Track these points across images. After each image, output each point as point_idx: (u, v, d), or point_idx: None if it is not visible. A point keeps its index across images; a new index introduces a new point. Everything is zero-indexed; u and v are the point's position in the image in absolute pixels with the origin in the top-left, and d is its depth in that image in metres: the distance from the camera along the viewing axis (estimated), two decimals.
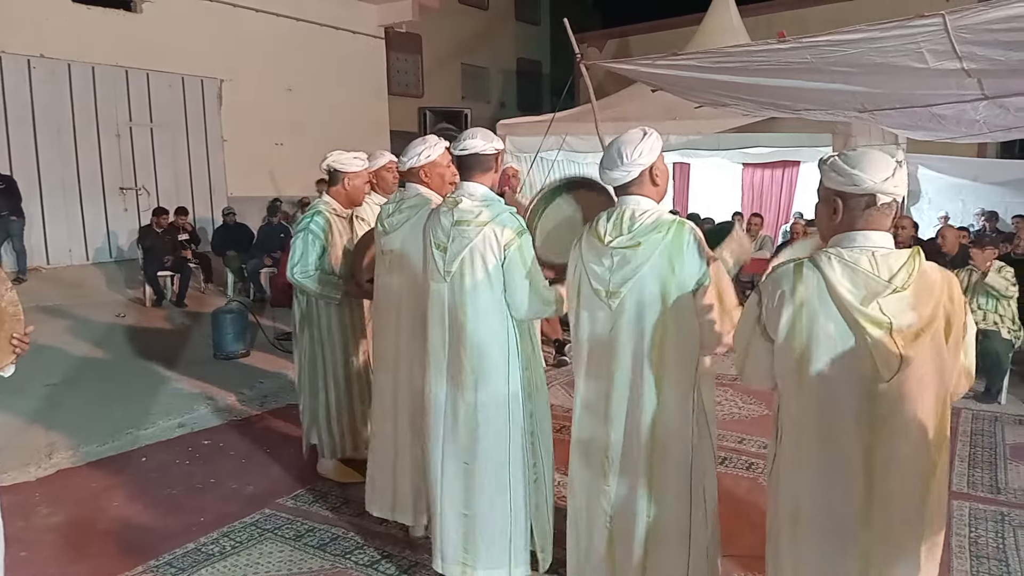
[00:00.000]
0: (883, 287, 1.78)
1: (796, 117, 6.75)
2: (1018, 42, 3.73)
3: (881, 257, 1.81)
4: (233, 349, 6.53)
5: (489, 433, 2.74)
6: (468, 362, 2.71)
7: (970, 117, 5.50)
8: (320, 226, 3.82)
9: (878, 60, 4.28)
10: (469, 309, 2.68)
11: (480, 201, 2.71)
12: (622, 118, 8.34)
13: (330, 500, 3.86)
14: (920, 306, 1.79)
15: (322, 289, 3.83)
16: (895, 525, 1.86)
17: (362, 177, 3.97)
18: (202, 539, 3.45)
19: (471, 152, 2.74)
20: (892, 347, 1.77)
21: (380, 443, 3.38)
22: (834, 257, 1.84)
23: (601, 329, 2.38)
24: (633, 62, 5.82)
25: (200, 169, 11.21)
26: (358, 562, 3.24)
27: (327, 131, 11.50)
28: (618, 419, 2.39)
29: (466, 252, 2.65)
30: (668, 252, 2.26)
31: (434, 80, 16.49)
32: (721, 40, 8.70)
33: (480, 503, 2.78)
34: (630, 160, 2.30)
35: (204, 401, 5.39)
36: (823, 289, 1.84)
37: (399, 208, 3.19)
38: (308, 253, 3.78)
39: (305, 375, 4.01)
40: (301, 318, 3.98)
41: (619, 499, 2.44)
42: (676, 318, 2.28)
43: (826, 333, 1.84)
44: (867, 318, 1.79)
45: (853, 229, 1.86)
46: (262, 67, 11.61)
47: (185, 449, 4.62)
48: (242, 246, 9.79)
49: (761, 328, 1.98)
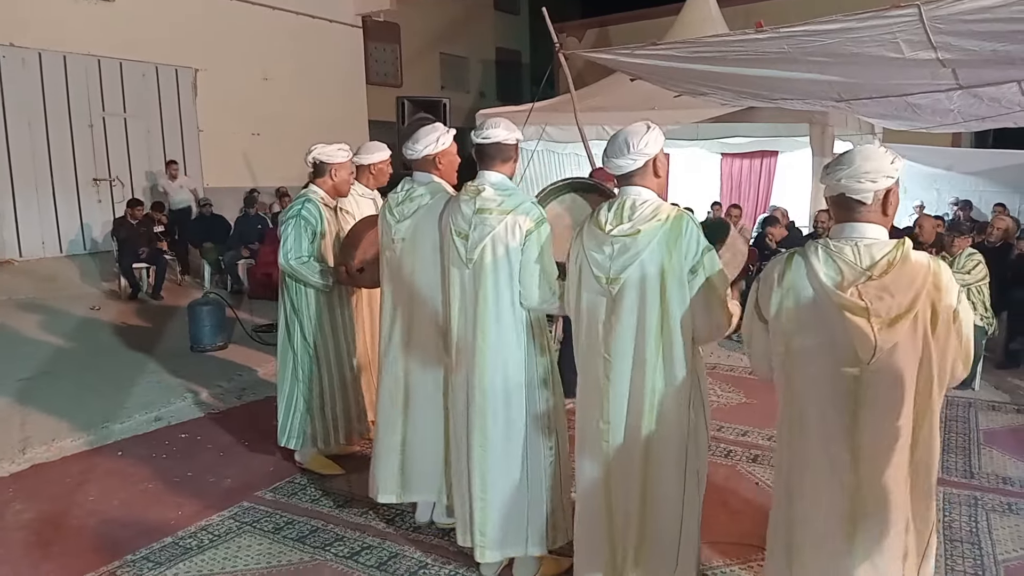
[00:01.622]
0: (860, 274, 1.90)
1: (774, 107, 6.79)
2: (991, 32, 3.77)
3: (865, 247, 1.93)
4: (210, 342, 6.46)
5: (507, 417, 2.79)
6: (487, 347, 2.75)
7: (944, 107, 5.56)
8: (311, 213, 3.80)
9: (854, 50, 4.31)
10: (490, 296, 2.73)
11: (502, 190, 2.77)
12: (601, 108, 8.36)
13: (309, 492, 3.84)
14: (899, 293, 1.88)
15: (316, 276, 3.80)
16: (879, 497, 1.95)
17: (347, 168, 3.95)
18: (179, 533, 3.42)
19: (494, 141, 2.78)
20: (868, 331, 1.87)
21: (387, 428, 3.33)
22: (820, 246, 1.99)
23: (601, 315, 2.45)
24: (612, 51, 5.82)
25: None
26: (338, 554, 3.23)
27: (305, 121, 11.39)
28: (617, 403, 2.45)
29: (488, 240, 2.70)
30: (666, 239, 2.33)
31: (413, 69, 16.40)
32: (700, 30, 8.73)
33: (497, 485, 2.82)
34: (636, 149, 2.37)
35: (181, 394, 5.33)
36: (804, 275, 1.98)
37: (410, 196, 3.15)
38: (301, 239, 3.76)
39: (296, 365, 3.91)
40: (291, 308, 3.91)
41: (617, 481, 2.49)
42: (673, 304, 2.36)
43: (809, 316, 1.98)
44: (844, 303, 1.90)
45: (849, 220, 1.99)
46: (238, 56, 11.47)
47: (162, 443, 4.57)
48: (219, 237, 9.70)
49: (757, 311, 2.14)
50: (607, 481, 2.51)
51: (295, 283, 3.88)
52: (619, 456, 2.47)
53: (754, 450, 4.27)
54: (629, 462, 2.45)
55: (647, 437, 2.42)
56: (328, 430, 3.98)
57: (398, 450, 3.30)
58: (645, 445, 2.42)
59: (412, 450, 3.28)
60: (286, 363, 3.98)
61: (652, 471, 2.44)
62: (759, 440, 4.45)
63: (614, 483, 2.50)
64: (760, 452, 4.26)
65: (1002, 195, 11.20)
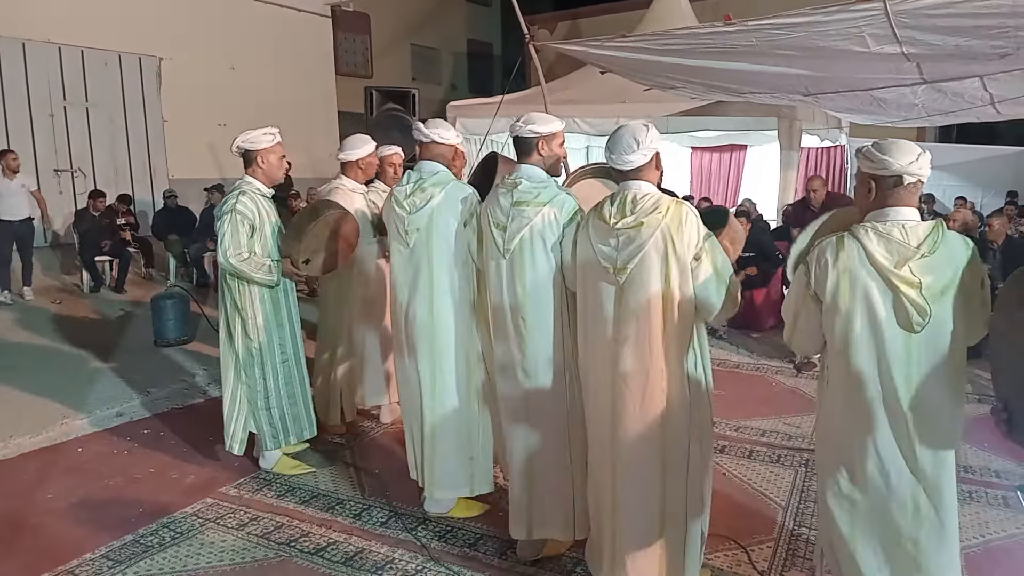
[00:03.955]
0: (913, 253, 2.14)
1: (743, 101, 6.82)
2: (954, 27, 3.81)
3: (910, 228, 2.17)
4: (174, 336, 6.34)
5: (547, 395, 2.91)
6: (526, 332, 2.88)
7: (909, 101, 5.63)
8: (247, 206, 3.65)
9: (821, 44, 4.33)
10: (529, 283, 2.85)
11: (539, 183, 2.87)
12: (573, 100, 8.34)
13: (275, 488, 3.78)
14: (945, 268, 2.15)
15: (260, 273, 3.68)
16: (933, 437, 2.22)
17: (276, 152, 3.80)
18: (141, 531, 3.35)
19: (533, 135, 2.88)
20: (922, 303, 2.13)
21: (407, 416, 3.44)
22: (871, 229, 2.20)
23: (611, 303, 2.59)
24: (582, 43, 5.80)
25: (139, 151, 10.87)
26: (303, 550, 3.18)
27: (272, 112, 11.12)
28: (627, 386, 2.56)
29: (526, 231, 2.82)
30: (668, 229, 2.47)
31: (383, 61, 16.23)
32: (670, 23, 8.73)
33: (540, 463, 2.96)
34: (645, 145, 2.53)
35: (144, 389, 5.22)
36: (863, 256, 2.19)
37: (420, 187, 3.20)
38: (238, 235, 3.61)
39: (239, 365, 3.80)
40: (232, 305, 3.76)
41: (625, 457, 2.60)
42: (677, 290, 2.50)
43: (866, 293, 2.19)
44: (900, 279, 2.14)
45: (885, 206, 2.21)
46: (204, 45, 11.25)
47: (124, 439, 4.48)
48: (184, 230, 9.53)
49: (812, 294, 2.32)
50: (614, 460, 2.63)
51: (236, 280, 3.73)
52: (630, 439, 2.58)
53: (722, 441, 4.29)
54: (640, 444, 2.57)
55: (658, 418, 2.54)
56: (276, 429, 3.86)
57: (418, 436, 3.38)
58: (657, 426, 2.55)
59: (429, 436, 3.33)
60: (228, 364, 3.83)
61: (662, 451, 2.56)
62: (727, 431, 4.48)
63: (623, 462, 2.61)
64: (728, 443, 4.29)
65: (964, 189, 11.43)
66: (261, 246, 3.71)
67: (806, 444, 4.28)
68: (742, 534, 3.19)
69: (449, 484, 3.36)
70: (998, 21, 3.67)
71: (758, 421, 4.65)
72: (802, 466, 3.98)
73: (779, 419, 4.70)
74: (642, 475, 2.58)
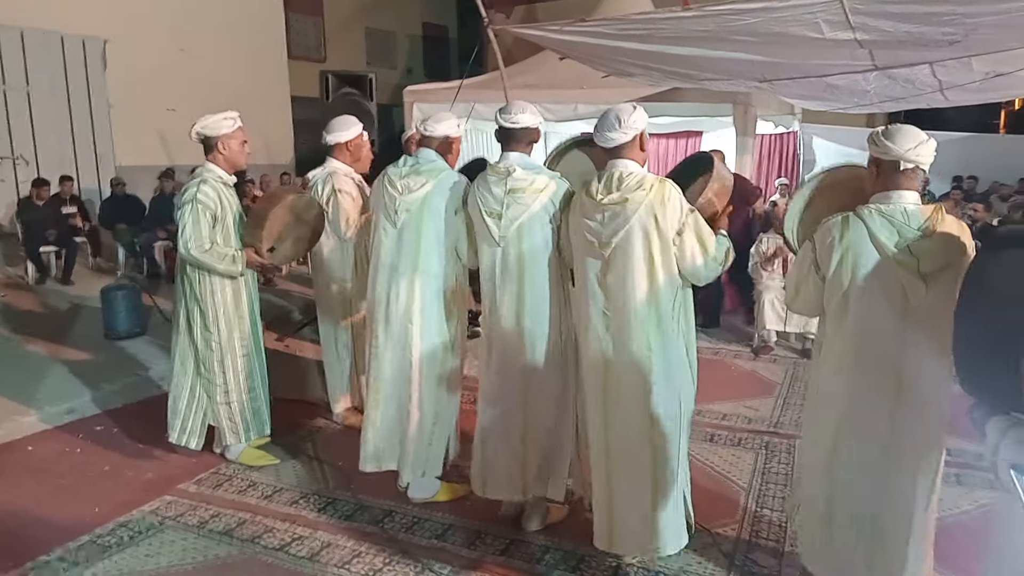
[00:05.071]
0: (913, 234, 2.30)
1: (699, 87, 6.87)
2: (906, 14, 3.88)
3: (911, 211, 2.33)
4: (126, 329, 6.15)
5: (547, 372, 3.05)
6: (526, 314, 3.01)
7: (862, 88, 5.72)
8: (208, 196, 3.56)
9: (777, 29, 4.37)
10: (527, 267, 2.98)
11: (532, 170, 2.99)
12: (532, 85, 8.29)
13: (236, 483, 3.72)
14: (942, 249, 2.30)
15: (223, 264, 3.60)
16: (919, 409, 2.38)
17: (237, 138, 3.71)
18: (97, 531, 3.26)
19: (522, 126, 3.01)
20: (919, 280, 2.29)
21: (386, 402, 3.42)
22: (875, 211, 2.37)
23: (597, 275, 2.74)
24: (541, 28, 5.76)
25: (84, 137, 10.48)
26: (267, 546, 3.14)
27: (224, 95, 10.78)
28: (616, 354, 2.73)
29: (524, 217, 2.94)
30: (651, 206, 2.61)
31: (337, 44, 15.92)
32: (625, 9, 8.73)
33: (535, 430, 3.10)
34: (627, 124, 2.66)
35: (96, 384, 5.06)
36: (866, 236, 2.35)
37: (416, 171, 3.29)
38: (200, 225, 3.52)
39: (198, 360, 3.73)
40: (192, 296, 3.68)
41: (618, 422, 2.76)
42: (660, 263, 2.64)
43: (868, 269, 2.36)
44: (900, 258, 2.30)
45: (888, 189, 2.38)
46: (151, 27, 10.88)
47: (76, 436, 4.35)
48: (133, 218, 9.24)
49: (816, 267, 2.49)
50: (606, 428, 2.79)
51: (197, 271, 3.64)
52: (620, 410, 2.75)
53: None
54: (629, 404, 2.74)
55: (645, 387, 2.70)
56: (236, 424, 3.80)
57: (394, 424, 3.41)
58: (644, 389, 2.70)
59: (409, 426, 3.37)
60: (186, 357, 3.75)
61: (650, 421, 2.71)
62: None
63: (612, 425, 2.78)
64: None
65: None
66: (223, 236, 3.62)
67: (766, 427, 4.36)
68: (707, 517, 3.23)
69: (417, 465, 3.42)
70: (948, 8, 3.74)
71: (718, 405, 4.72)
72: (763, 448, 4.06)
73: (739, 402, 4.78)
74: (632, 445, 2.74)
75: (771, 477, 3.69)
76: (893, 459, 2.40)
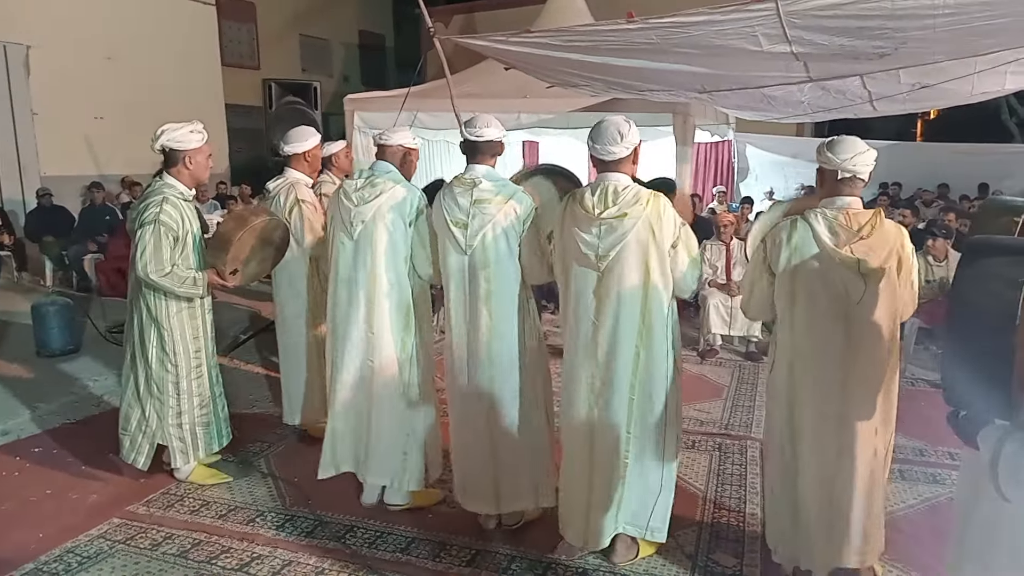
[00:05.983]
0: (853, 236, 2.50)
1: (640, 98, 7.01)
2: (840, 28, 4.05)
3: (853, 215, 2.54)
4: (59, 346, 5.90)
5: (509, 384, 3.08)
6: (491, 321, 3.04)
7: (796, 98, 5.94)
8: (171, 216, 3.40)
9: (718, 42, 4.51)
10: (492, 276, 3.02)
11: (496, 182, 3.05)
12: (475, 95, 8.32)
13: (188, 503, 3.60)
14: (880, 250, 2.50)
15: (181, 287, 3.46)
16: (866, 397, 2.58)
17: (204, 152, 3.57)
18: (42, 558, 3.12)
19: (487, 139, 3.08)
20: (858, 279, 2.49)
21: (346, 412, 3.42)
22: (819, 214, 2.58)
23: (592, 287, 2.80)
24: (487, 38, 5.78)
25: (7, 146, 10.03)
26: (226, 567, 3.05)
27: (154, 104, 10.57)
28: (607, 364, 2.81)
29: (488, 227, 2.98)
30: (649, 220, 2.70)
31: (271, 51, 15.66)
32: (565, 20, 8.84)
33: (505, 443, 3.12)
34: (627, 139, 2.75)
35: (31, 404, 4.84)
36: (811, 237, 2.56)
37: (371, 183, 3.30)
38: (161, 248, 3.37)
39: (150, 379, 3.59)
40: (147, 314, 3.55)
41: (605, 428, 2.84)
42: (655, 275, 2.75)
43: (812, 268, 2.55)
44: (841, 258, 2.50)
45: (832, 195, 2.61)
46: (76, 33, 10.50)
47: (13, 459, 4.14)
48: (61, 230, 8.89)
49: (766, 267, 2.68)
50: (592, 438, 2.87)
51: (152, 291, 3.51)
52: (606, 409, 2.84)
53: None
54: (616, 414, 2.82)
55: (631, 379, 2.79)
56: (187, 444, 3.68)
57: (364, 429, 3.40)
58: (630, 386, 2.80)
59: (376, 429, 3.37)
60: (139, 376, 3.62)
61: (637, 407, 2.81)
62: None
63: (598, 431, 2.85)
64: None
65: None
66: (183, 258, 3.48)
67: (717, 429, 4.47)
68: None
69: (383, 473, 3.42)
70: (879, 23, 3.93)
71: None
72: (716, 450, 4.16)
73: (689, 406, 4.86)
74: (617, 446, 2.83)
75: (726, 479, 3.79)
76: (846, 443, 2.59)
